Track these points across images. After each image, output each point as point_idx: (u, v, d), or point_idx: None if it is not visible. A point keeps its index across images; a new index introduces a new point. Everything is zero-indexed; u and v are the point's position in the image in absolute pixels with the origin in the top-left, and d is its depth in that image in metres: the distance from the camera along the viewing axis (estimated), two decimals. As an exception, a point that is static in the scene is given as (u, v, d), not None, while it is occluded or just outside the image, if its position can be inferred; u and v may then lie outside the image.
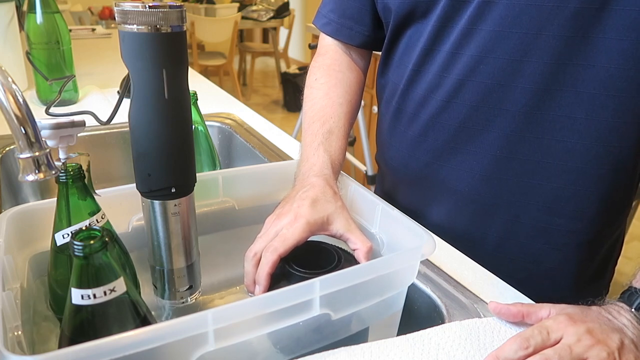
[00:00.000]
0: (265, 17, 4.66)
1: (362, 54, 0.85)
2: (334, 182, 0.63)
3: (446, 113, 0.70)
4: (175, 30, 0.44)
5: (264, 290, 0.51)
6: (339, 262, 0.54)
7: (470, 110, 0.68)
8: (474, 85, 0.67)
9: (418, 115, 0.74)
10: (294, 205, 0.57)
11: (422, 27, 0.71)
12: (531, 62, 0.63)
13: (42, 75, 1.07)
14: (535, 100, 0.64)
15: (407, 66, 0.75)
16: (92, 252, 0.40)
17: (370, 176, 2.14)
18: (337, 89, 0.77)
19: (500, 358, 0.47)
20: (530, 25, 0.61)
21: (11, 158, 0.92)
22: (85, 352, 0.35)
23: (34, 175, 0.43)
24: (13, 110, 0.41)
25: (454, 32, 0.67)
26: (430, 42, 0.70)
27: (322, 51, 0.84)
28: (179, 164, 0.49)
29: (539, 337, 0.47)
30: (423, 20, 0.71)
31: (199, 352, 0.41)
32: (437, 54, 0.70)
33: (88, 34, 2.05)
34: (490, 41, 0.64)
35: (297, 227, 0.54)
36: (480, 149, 0.69)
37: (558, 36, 0.60)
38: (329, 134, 0.69)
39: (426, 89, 0.72)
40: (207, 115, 1.13)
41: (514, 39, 0.63)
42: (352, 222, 0.57)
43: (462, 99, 0.68)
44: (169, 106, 0.46)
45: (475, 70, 0.66)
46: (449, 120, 0.70)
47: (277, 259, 0.52)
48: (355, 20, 0.80)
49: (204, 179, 0.65)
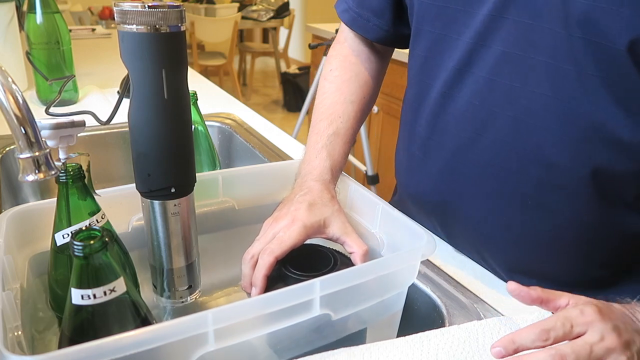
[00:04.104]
0: (265, 17, 4.66)
1: (382, 47, 0.78)
2: (332, 187, 0.63)
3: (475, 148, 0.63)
4: (175, 30, 0.44)
5: (260, 292, 0.52)
6: (335, 264, 0.55)
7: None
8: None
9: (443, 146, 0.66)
10: (291, 208, 0.57)
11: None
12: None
13: (42, 75, 1.07)
14: None
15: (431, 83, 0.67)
16: (92, 252, 0.40)
17: (370, 176, 2.14)
18: (351, 85, 0.74)
19: (516, 342, 0.44)
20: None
21: (11, 158, 0.92)
22: (85, 352, 0.35)
23: (34, 176, 0.43)
24: (13, 110, 0.41)
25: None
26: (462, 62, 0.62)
27: (341, 38, 0.79)
28: (178, 164, 0.49)
29: (560, 330, 0.44)
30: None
31: (199, 352, 0.41)
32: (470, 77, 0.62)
33: (88, 34, 2.05)
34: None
35: (293, 230, 0.54)
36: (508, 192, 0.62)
37: None
38: (334, 136, 0.68)
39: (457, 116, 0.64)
40: (207, 115, 1.13)
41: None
42: (348, 225, 0.58)
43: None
44: (169, 106, 0.46)
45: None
46: (477, 155, 0.63)
47: (274, 262, 0.52)
48: (374, 12, 0.73)
49: (204, 179, 0.65)
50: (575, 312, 0.45)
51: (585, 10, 0.50)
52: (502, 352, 0.44)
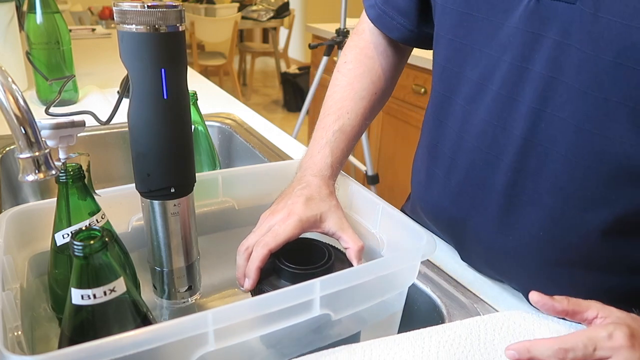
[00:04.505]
0: (265, 17, 4.66)
1: (401, 44, 0.75)
2: (331, 182, 0.63)
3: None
4: (174, 30, 0.44)
5: (252, 284, 0.52)
6: (329, 259, 0.54)
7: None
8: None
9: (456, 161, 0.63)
10: (288, 202, 0.57)
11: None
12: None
13: (42, 75, 1.07)
14: None
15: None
16: (92, 252, 0.40)
17: (370, 176, 2.14)
18: (363, 80, 0.71)
19: (531, 352, 0.42)
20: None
21: (11, 158, 0.92)
22: (85, 352, 0.35)
23: (34, 175, 0.43)
24: (13, 110, 0.41)
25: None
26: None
27: (360, 29, 0.76)
28: (178, 164, 0.49)
29: (581, 351, 0.41)
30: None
31: (199, 352, 0.41)
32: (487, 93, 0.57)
33: (88, 34, 2.05)
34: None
35: (289, 224, 0.54)
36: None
37: None
38: (339, 133, 0.67)
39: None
40: (207, 115, 1.13)
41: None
42: (345, 221, 0.58)
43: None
44: (168, 106, 0.46)
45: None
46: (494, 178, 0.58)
47: (268, 254, 0.52)
48: (399, 12, 0.70)
49: (204, 179, 0.65)
50: (603, 333, 0.41)
51: (619, 32, 0.45)
52: (515, 355, 0.43)
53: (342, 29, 2.05)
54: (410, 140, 2.07)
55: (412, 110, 2.02)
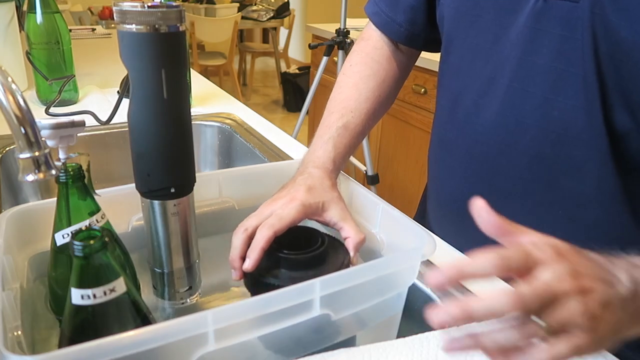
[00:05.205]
0: (265, 17, 4.66)
1: (407, 48, 0.77)
2: (333, 176, 0.63)
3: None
4: (174, 30, 0.44)
5: (253, 264, 0.51)
6: (322, 244, 0.54)
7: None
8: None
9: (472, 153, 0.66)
10: (290, 190, 0.58)
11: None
12: None
13: (42, 75, 1.07)
14: None
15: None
16: (92, 252, 0.40)
17: (370, 176, 2.14)
18: (369, 82, 0.73)
19: (464, 272, 0.36)
20: None
21: (11, 158, 0.91)
22: (85, 352, 0.35)
23: (34, 175, 0.43)
24: (13, 110, 0.41)
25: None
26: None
27: (366, 36, 0.78)
28: (178, 164, 0.49)
29: (515, 257, 0.37)
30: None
31: (199, 352, 0.41)
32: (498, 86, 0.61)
33: (88, 34, 2.05)
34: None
35: (292, 208, 0.55)
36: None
37: None
38: (343, 129, 0.68)
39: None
40: (207, 115, 1.13)
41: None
42: (347, 212, 0.58)
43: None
44: (168, 106, 0.46)
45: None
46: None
47: (272, 236, 0.52)
48: (406, 17, 0.73)
49: (204, 179, 0.65)
50: (529, 247, 0.38)
51: (612, 28, 0.50)
52: (441, 280, 0.36)
53: (342, 29, 2.04)
54: (410, 140, 2.07)
55: (412, 110, 2.02)
